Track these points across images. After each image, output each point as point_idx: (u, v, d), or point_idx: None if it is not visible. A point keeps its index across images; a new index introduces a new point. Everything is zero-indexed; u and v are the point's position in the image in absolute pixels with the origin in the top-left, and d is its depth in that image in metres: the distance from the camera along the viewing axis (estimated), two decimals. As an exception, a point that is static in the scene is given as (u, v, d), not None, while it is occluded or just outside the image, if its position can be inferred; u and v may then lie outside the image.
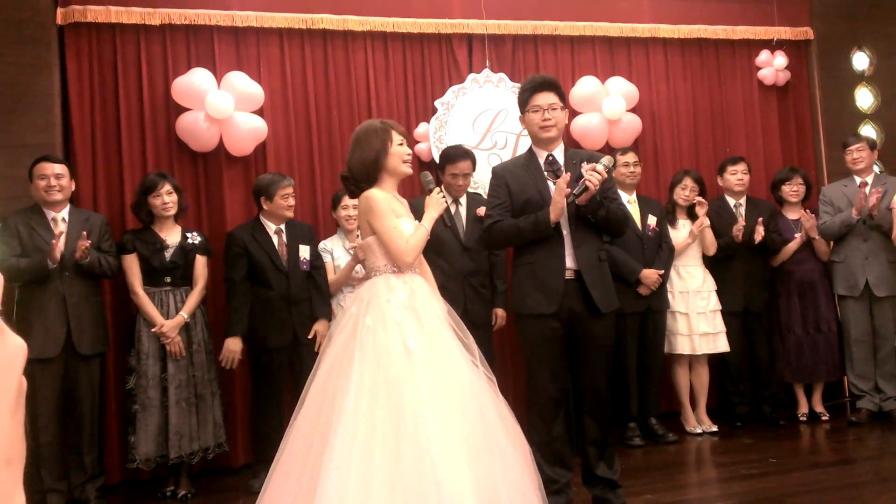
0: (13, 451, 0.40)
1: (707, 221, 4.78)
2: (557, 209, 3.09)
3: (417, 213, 2.96)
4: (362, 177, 2.87)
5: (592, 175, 3.03)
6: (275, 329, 4.06)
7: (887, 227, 4.64)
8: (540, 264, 3.18)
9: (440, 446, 2.37)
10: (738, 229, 4.77)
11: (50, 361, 3.72)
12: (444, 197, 2.92)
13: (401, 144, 2.89)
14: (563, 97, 3.30)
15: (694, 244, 4.82)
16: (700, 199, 4.80)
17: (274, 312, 4.06)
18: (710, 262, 4.88)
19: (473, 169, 4.45)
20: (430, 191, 2.95)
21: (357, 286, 3.47)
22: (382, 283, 2.77)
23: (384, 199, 2.81)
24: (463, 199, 4.45)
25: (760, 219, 4.80)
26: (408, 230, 2.81)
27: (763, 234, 4.77)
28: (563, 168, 3.24)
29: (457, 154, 4.39)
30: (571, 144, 5.05)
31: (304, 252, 4.17)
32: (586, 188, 3.03)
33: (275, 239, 4.15)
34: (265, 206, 4.14)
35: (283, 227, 4.18)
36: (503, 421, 2.63)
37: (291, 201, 4.17)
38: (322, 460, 2.37)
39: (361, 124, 2.97)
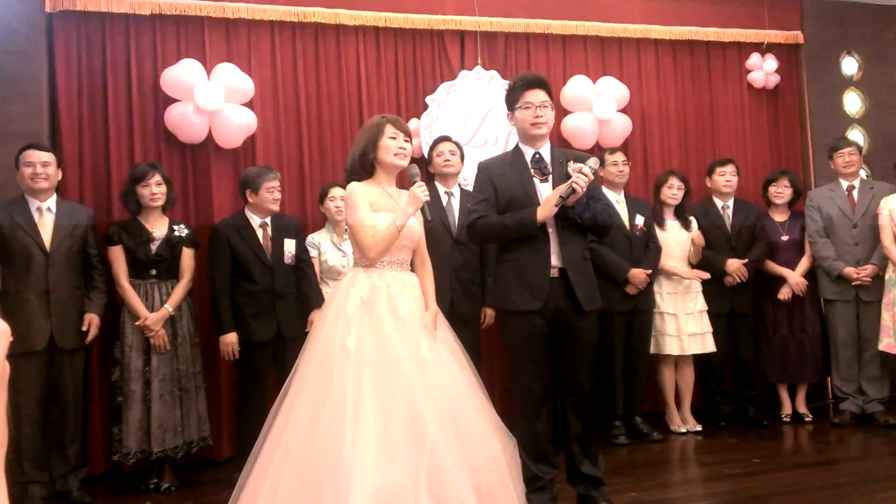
0: None
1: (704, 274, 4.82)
2: (547, 211, 3.09)
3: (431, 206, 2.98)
4: (354, 169, 2.96)
5: (579, 178, 3.04)
6: (259, 323, 4.03)
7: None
8: (525, 261, 3.18)
9: (351, 446, 2.38)
10: (734, 273, 4.83)
11: (34, 354, 3.68)
12: (424, 191, 2.88)
13: (393, 138, 2.92)
14: (552, 96, 3.31)
15: (680, 246, 4.83)
16: (697, 237, 4.82)
17: (258, 306, 4.04)
18: (697, 263, 4.90)
19: (461, 151, 4.51)
20: (413, 183, 2.93)
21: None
22: (350, 277, 2.86)
23: (360, 192, 2.87)
24: (456, 191, 4.45)
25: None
26: (382, 224, 2.82)
27: (745, 276, 4.84)
28: (549, 166, 3.24)
29: (438, 140, 4.57)
30: (562, 144, 5.08)
31: (290, 246, 4.15)
32: (574, 191, 3.04)
33: (259, 232, 4.12)
34: (250, 199, 4.12)
35: (268, 220, 4.16)
36: (456, 428, 2.57)
37: (277, 195, 4.14)
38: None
39: (369, 121, 3.07)
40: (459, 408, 2.65)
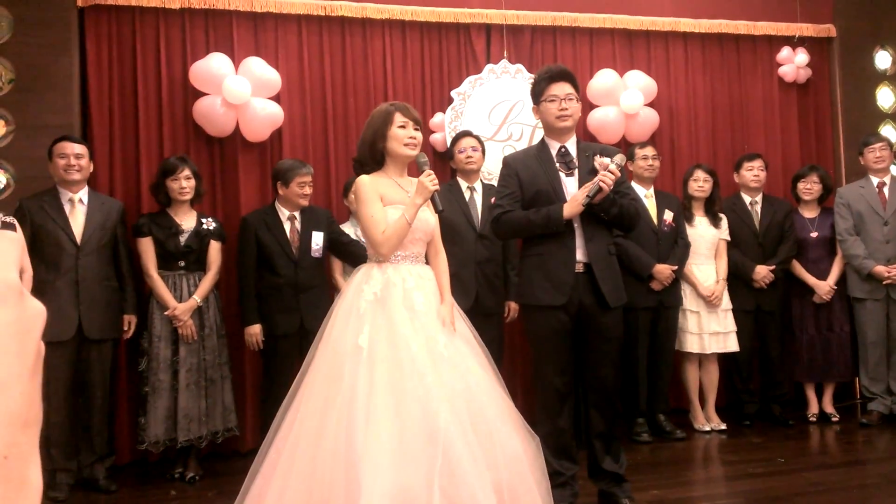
0: (31, 413, 0.41)
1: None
2: (575, 209, 3.08)
3: (442, 199, 2.87)
4: (364, 158, 2.87)
5: (606, 175, 3.03)
6: (282, 316, 4.06)
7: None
8: (550, 256, 3.16)
9: (362, 447, 2.31)
10: (760, 281, 4.80)
11: (63, 344, 3.75)
12: (433, 180, 2.75)
13: (402, 127, 2.82)
14: (578, 89, 3.29)
15: (708, 243, 4.78)
16: (715, 294, 4.74)
17: (282, 299, 4.07)
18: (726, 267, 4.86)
19: (482, 146, 4.49)
20: (422, 172, 2.80)
21: None
22: (363, 272, 2.77)
23: (369, 184, 2.77)
24: (478, 186, 4.45)
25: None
26: (392, 219, 2.73)
27: (770, 278, 4.80)
28: (575, 160, 3.23)
29: (459, 135, 4.54)
30: (588, 138, 5.05)
31: (317, 238, 4.16)
32: (600, 189, 3.03)
33: (287, 225, 4.15)
34: (280, 192, 4.14)
35: (297, 213, 4.18)
36: (474, 426, 2.48)
37: (308, 190, 4.15)
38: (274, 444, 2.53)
39: (377, 108, 2.94)
40: (477, 405, 2.57)
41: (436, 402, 2.44)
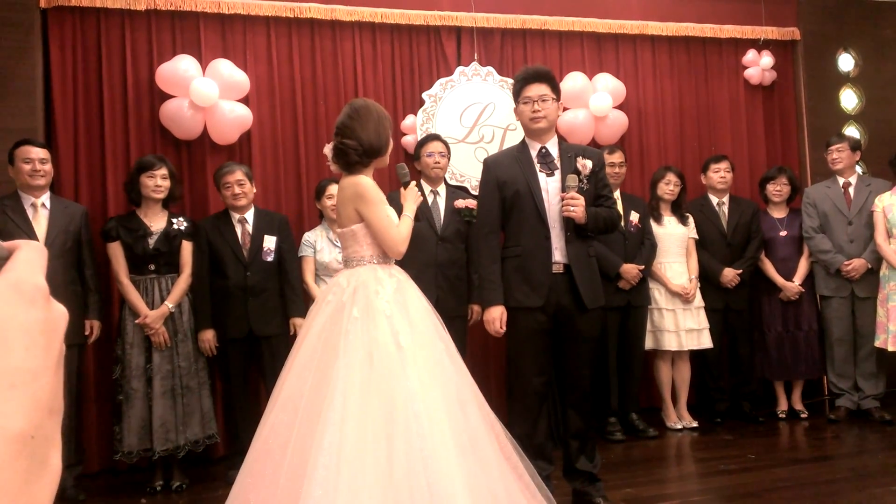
0: (55, 403, 0.46)
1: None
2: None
3: (395, 205, 2.86)
4: (370, 153, 2.75)
5: (569, 203, 3.09)
6: (230, 320, 3.99)
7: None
8: (527, 257, 3.17)
9: (431, 444, 2.30)
10: (726, 279, 4.85)
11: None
12: (419, 191, 2.86)
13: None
14: (557, 89, 3.29)
15: (678, 241, 4.84)
16: (690, 289, 4.80)
17: (230, 303, 3.99)
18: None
19: (448, 152, 4.45)
20: (406, 183, 2.90)
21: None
22: (369, 273, 2.67)
23: (375, 187, 2.73)
24: (442, 190, 4.42)
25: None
26: (395, 220, 2.76)
27: (737, 280, 4.86)
28: (556, 161, 3.24)
29: (428, 138, 4.50)
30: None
31: (269, 242, 4.08)
32: (574, 211, 3.10)
33: (238, 228, 4.09)
34: (221, 196, 4.14)
35: (247, 216, 4.12)
36: (484, 419, 2.55)
37: (237, 189, 4.03)
38: (307, 457, 2.29)
39: (372, 102, 2.83)
40: (478, 395, 2.63)
41: (465, 393, 2.52)
